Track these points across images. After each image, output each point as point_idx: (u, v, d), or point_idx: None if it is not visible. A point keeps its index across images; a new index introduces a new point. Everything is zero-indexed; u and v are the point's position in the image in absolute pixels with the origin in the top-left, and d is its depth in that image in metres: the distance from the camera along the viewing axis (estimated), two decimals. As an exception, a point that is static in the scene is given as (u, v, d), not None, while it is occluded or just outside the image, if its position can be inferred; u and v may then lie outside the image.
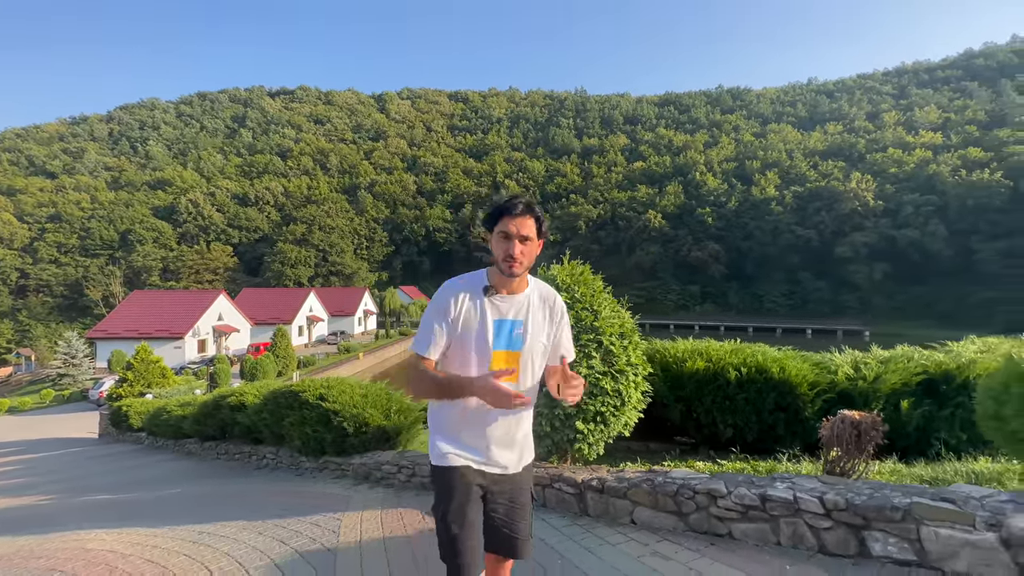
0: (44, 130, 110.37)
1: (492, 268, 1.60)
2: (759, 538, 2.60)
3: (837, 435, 2.82)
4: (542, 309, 1.64)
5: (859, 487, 2.45)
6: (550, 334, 1.66)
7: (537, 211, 1.54)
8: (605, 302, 3.94)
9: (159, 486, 6.88)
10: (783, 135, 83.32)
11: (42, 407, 30.50)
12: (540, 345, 1.62)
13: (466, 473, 1.54)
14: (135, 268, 73.19)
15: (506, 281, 1.56)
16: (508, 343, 1.56)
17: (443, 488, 1.55)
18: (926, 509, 2.14)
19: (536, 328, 1.61)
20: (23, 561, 3.82)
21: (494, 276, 1.59)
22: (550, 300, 1.67)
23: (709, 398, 4.04)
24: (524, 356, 1.57)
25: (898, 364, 3.92)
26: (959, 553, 2.05)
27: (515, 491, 1.62)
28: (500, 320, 1.56)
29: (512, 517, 1.59)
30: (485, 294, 1.56)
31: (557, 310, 1.68)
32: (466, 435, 1.57)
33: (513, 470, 1.62)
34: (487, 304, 1.55)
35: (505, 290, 1.58)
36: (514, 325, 1.57)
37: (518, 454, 1.63)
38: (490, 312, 1.55)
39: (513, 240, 1.50)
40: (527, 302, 1.60)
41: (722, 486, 2.74)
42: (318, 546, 3.31)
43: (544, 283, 1.71)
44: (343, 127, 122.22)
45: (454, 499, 1.51)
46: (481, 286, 1.57)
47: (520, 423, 1.62)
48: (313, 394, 5.92)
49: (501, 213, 1.52)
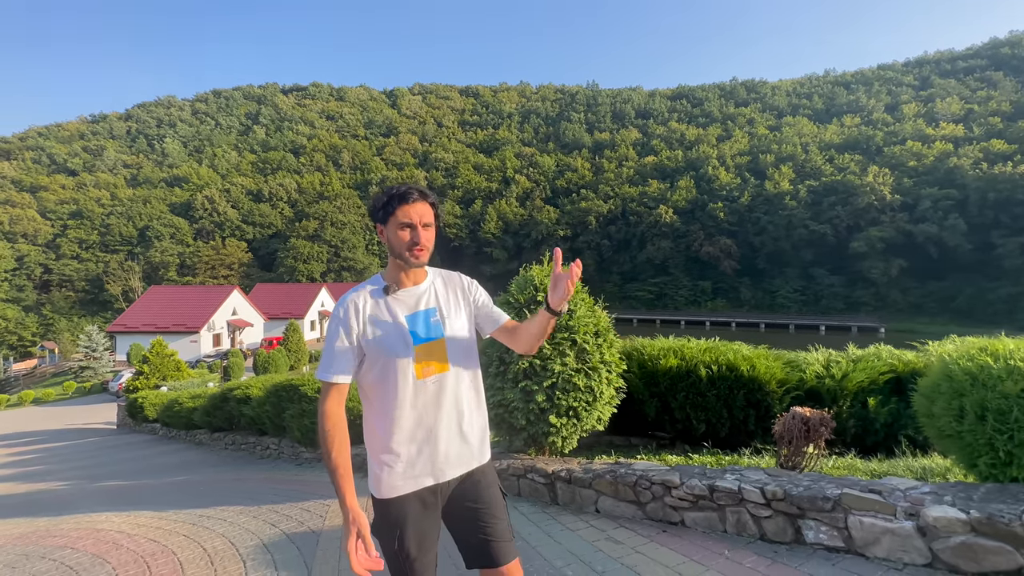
0: (65, 128, 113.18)
1: (385, 269, 1.54)
2: (707, 526, 2.76)
3: (788, 431, 2.95)
4: (451, 292, 1.58)
5: (799, 479, 2.59)
6: (470, 314, 1.60)
7: (431, 196, 1.50)
8: (581, 302, 4.08)
9: (169, 473, 7.24)
10: (798, 128, 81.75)
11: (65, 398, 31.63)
12: (462, 328, 1.55)
13: (418, 495, 1.42)
14: (153, 263, 74.95)
15: (408, 274, 1.50)
16: (427, 334, 1.47)
17: (393, 520, 1.40)
18: (854, 500, 2.29)
19: (452, 311, 1.54)
20: (39, 539, 4.14)
21: (391, 273, 1.52)
22: (455, 282, 1.62)
23: (682, 395, 4.18)
24: (448, 343, 1.49)
25: (868, 363, 4.02)
26: (880, 540, 2.19)
27: (478, 490, 1.48)
28: (412, 314, 1.48)
29: (483, 519, 1.45)
30: (386, 293, 1.48)
31: (464, 285, 1.63)
32: (409, 454, 1.41)
33: (476, 464, 1.50)
34: (392, 302, 1.47)
35: (408, 281, 1.51)
36: (428, 314, 1.49)
37: (474, 453, 1.50)
38: (399, 309, 1.47)
39: (416, 228, 1.45)
40: (431, 289, 1.54)
41: (676, 477, 2.91)
42: (304, 529, 3.55)
43: (442, 269, 1.65)
44: (355, 123, 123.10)
45: (408, 523, 1.39)
46: (379, 287, 1.50)
47: (469, 418, 1.50)
48: (312, 388, 6.18)
49: (397, 202, 1.44)
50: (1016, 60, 79.92)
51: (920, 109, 76.37)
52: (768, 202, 66.66)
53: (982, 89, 76.14)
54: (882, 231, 56.86)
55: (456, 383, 1.48)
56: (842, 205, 61.45)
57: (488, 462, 1.55)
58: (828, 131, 78.17)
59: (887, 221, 57.85)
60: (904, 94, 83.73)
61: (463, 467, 1.47)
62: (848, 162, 67.13)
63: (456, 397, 1.48)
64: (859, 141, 72.41)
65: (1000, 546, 1.91)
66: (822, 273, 60.55)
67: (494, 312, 1.65)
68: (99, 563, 3.29)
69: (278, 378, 7.74)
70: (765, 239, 64.58)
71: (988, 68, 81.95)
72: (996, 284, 49.82)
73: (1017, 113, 64.76)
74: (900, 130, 71.16)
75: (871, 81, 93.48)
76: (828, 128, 79.37)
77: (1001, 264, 50.21)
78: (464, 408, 1.49)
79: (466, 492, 1.47)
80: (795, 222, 62.67)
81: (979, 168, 56.02)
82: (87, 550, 3.63)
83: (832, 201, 62.46)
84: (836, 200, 62.25)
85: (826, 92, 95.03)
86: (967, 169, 56.79)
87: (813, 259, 61.74)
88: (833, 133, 77.15)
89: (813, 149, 73.08)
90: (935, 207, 55.75)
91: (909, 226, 56.40)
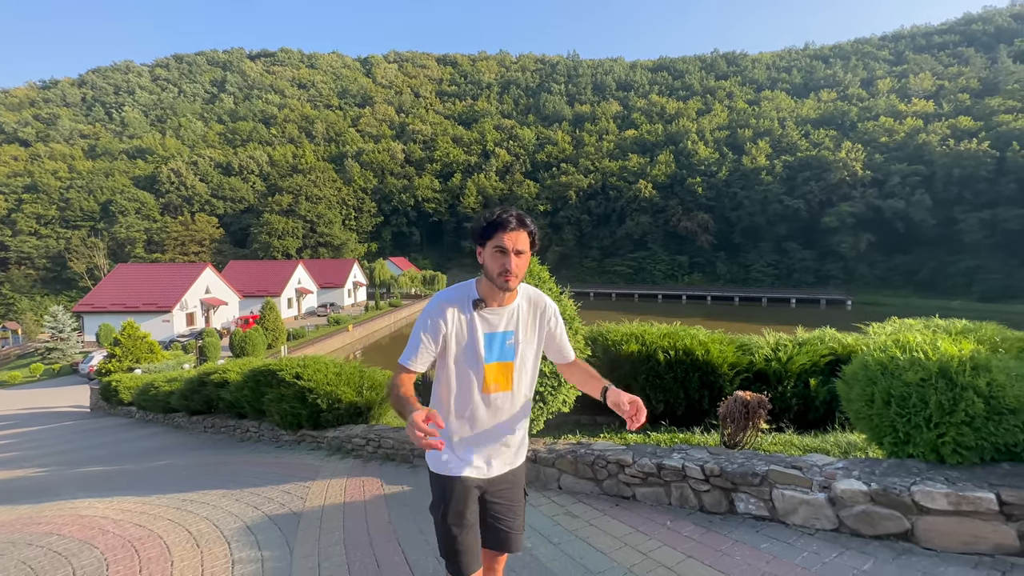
0: (13, 95, 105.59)
1: (481, 279, 1.60)
2: (655, 500, 3.06)
3: (730, 412, 3.24)
4: (532, 316, 1.66)
5: (736, 456, 2.89)
6: (541, 339, 1.69)
7: (530, 225, 1.55)
8: (548, 292, 4.27)
9: (149, 458, 7.32)
10: (776, 102, 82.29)
11: (32, 381, 30.79)
12: (531, 353, 1.66)
13: (465, 479, 1.60)
14: (118, 240, 72.04)
15: (497, 294, 1.57)
16: (500, 355, 1.60)
17: (442, 493, 1.61)
18: (779, 475, 2.59)
19: (526, 337, 1.64)
20: (23, 527, 4.24)
21: (484, 288, 1.59)
22: (540, 306, 1.69)
23: (643, 377, 4.46)
24: (516, 366, 1.62)
25: (811, 347, 4.35)
26: (798, 509, 2.51)
27: (511, 490, 1.70)
28: (491, 334, 1.58)
29: (507, 515, 1.67)
30: (475, 308, 1.57)
31: (546, 313, 1.70)
32: (464, 443, 1.62)
33: (509, 470, 1.69)
34: (477, 318, 1.57)
35: (495, 303, 1.59)
36: (505, 337, 1.60)
37: (512, 457, 1.70)
38: (480, 326, 1.57)
39: (509, 255, 1.49)
40: (516, 311, 1.62)
41: (629, 456, 3.19)
42: (286, 510, 3.75)
43: (533, 288, 1.72)
44: (328, 92, 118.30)
45: (453, 503, 1.59)
46: (470, 299, 1.58)
47: (516, 431, 1.68)
48: (290, 373, 6.29)
49: (495, 228, 1.50)
50: (987, 36, 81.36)
51: (894, 84, 77.54)
52: (745, 177, 67.59)
53: (953, 65, 77.53)
54: (853, 206, 58.52)
55: (514, 402, 1.65)
56: (815, 180, 62.78)
57: (521, 465, 1.76)
58: (805, 106, 78.92)
59: (858, 196, 59.48)
60: (879, 69, 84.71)
61: (503, 468, 1.68)
62: (823, 137, 68.23)
63: (512, 413, 1.66)
64: (835, 116, 73.45)
65: (891, 513, 2.23)
66: (795, 247, 62.33)
67: (564, 347, 1.77)
68: (87, 548, 3.44)
69: (256, 362, 7.80)
70: (741, 214, 65.79)
71: (960, 44, 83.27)
72: (957, 258, 52.23)
73: (985, 90, 66.42)
74: (874, 105, 72.35)
75: (848, 55, 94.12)
76: (805, 103, 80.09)
77: (962, 239, 52.51)
78: (516, 423, 1.68)
79: (499, 489, 1.68)
80: (770, 197, 63.88)
81: (946, 144, 57.68)
82: (73, 536, 3.77)
83: (806, 176, 63.72)
84: (810, 175, 63.52)
85: (805, 66, 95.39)
86: (935, 145, 58.41)
87: (787, 234, 63.37)
88: (810, 108, 77.95)
89: (790, 124, 73.89)
90: (903, 183, 57.49)
91: (878, 201, 58.15)
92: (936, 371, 2.31)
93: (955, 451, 2.25)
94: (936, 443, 2.29)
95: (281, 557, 2.93)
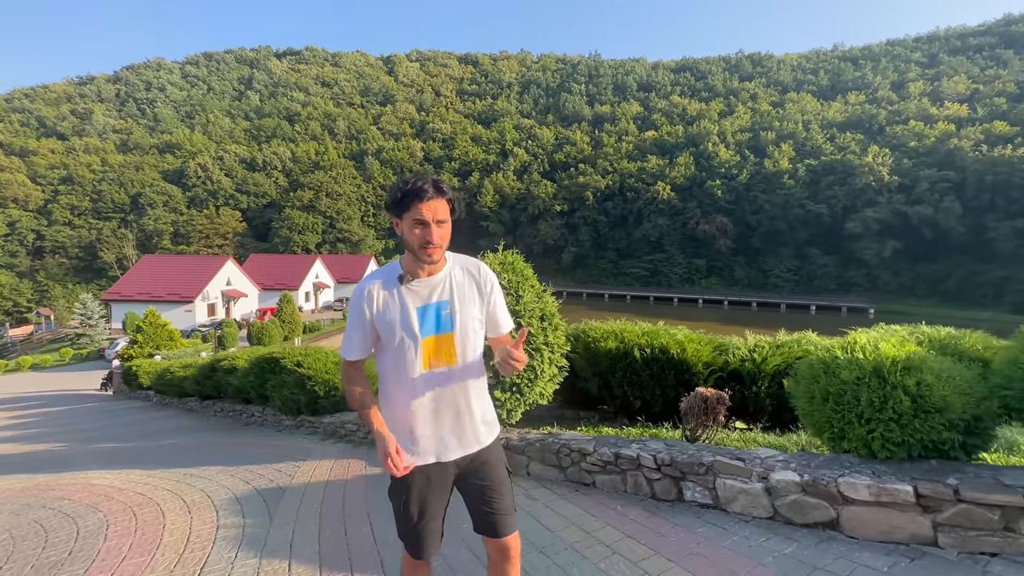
0: (52, 90, 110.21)
1: (405, 255, 1.53)
2: (612, 487, 3.21)
3: (690, 407, 3.37)
4: (468, 283, 1.57)
5: (688, 448, 3.03)
6: (482, 307, 1.59)
7: (447, 191, 1.47)
8: (530, 289, 4.43)
9: (160, 437, 7.73)
10: (801, 105, 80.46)
11: (62, 364, 32.24)
12: (474, 321, 1.56)
13: (426, 468, 1.54)
14: (147, 231, 74.59)
15: (423, 266, 1.50)
16: (437, 327, 1.51)
17: (399, 484, 1.54)
18: (723, 465, 2.72)
19: (465, 304, 1.54)
20: (40, 492, 4.61)
21: (408, 262, 1.52)
22: (474, 271, 1.60)
23: (620, 374, 4.59)
24: (458, 337, 1.52)
25: (787, 349, 4.41)
26: (738, 498, 2.64)
27: (487, 469, 1.59)
28: (423, 306, 1.50)
29: (491, 495, 1.57)
30: (400, 283, 1.50)
31: (485, 281, 1.60)
32: (417, 432, 1.52)
33: (477, 447, 1.58)
34: (405, 292, 1.50)
35: (423, 272, 1.51)
36: (439, 307, 1.51)
37: (475, 434, 1.58)
38: (410, 300, 1.50)
39: (429, 226, 1.42)
40: (448, 279, 1.54)
41: (590, 446, 3.34)
42: (274, 485, 4.01)
43: (465, 256, 1.64)
44: (351, 90, 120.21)
45: (412, 492, 1.53)
46: (395, 275, 1.52)
47: (471, 406, 1.57)
48: (291, 361, 6.60)
49: (411, 198, 1.42)
50: (1028, 38, 78.13)
51: (926, 87, 75.07)
52: (766, 180, 66.34)
53: (990, 68, 74.68)
54: (878, 212, 56.91)
55: (462, 375, 1.54)
56: (840, 185, 61.26)
57: (494, 443, 1.64)
58: (831, 108, 77.01)
59: (883, 202, 57.82)
60: (911, 71, 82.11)
61: (464, 450, 1.56)
62: (849, 141, 66.50)
63: (462, 387, 1.55)
64: (862, 120, 71.48)
65: (820, 502, 2.35)
66: (816, 253, 60.91)
67: (499, 318, 1.65)
68: (92, 511, 3.75)
69: (261, 351, 8.16)
70: (761, 218, 64.58)
71: (998, 46, 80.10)
72: (986, 267, 50.33)
73: (1023, 94, 63.85)
74: (904, 109, 70.17)
75: (879, 57, 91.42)
76: (832, 105, 78.16)
77: (993, 247, 50.59)
78: (468, 397, 1.57)
79: (476, 470, 1.58)
80: (792, 202, 62.58)
81: (979, 150, 55.66)
82: (81, 501, 4.10)
83: (830, 181, 62.21)
84: (834, 180, 61.99)
85: (832, 68, 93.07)
86: (967, 151, 56.41)
87: (808, 239, 61.97)
88: (836, 111, 76.04)
89: (815, 127, 72.20)
90: (932, 189, 55.68)
91: (905, 208, 56.40)
92: (871, 370, 2.40)
93: (884, 446, 2.34)
94: (867, 438, 2.39)
95: (261, 524, 3.17)
